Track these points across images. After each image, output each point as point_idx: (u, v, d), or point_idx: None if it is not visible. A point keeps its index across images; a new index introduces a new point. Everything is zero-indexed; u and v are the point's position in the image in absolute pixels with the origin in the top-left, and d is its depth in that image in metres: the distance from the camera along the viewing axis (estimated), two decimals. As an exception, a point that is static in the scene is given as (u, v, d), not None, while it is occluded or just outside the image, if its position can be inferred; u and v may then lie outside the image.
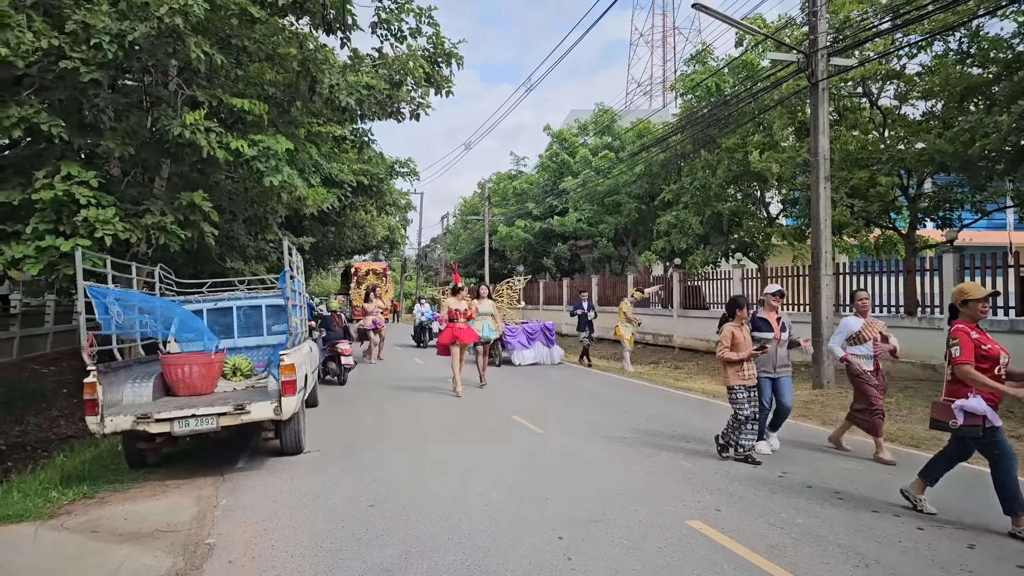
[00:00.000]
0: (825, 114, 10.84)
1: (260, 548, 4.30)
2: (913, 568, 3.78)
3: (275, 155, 8.08)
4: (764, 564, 3.85)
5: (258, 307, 8.37)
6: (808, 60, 10.77)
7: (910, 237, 13.75)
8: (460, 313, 10.24)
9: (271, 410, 5.94)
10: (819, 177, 10.85)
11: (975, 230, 15.85)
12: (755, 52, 15.88)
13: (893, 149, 12.91)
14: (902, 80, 13.54)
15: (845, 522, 4.56)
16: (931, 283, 11.61)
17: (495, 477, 5.78)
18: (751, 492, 5.25)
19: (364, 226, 22.55)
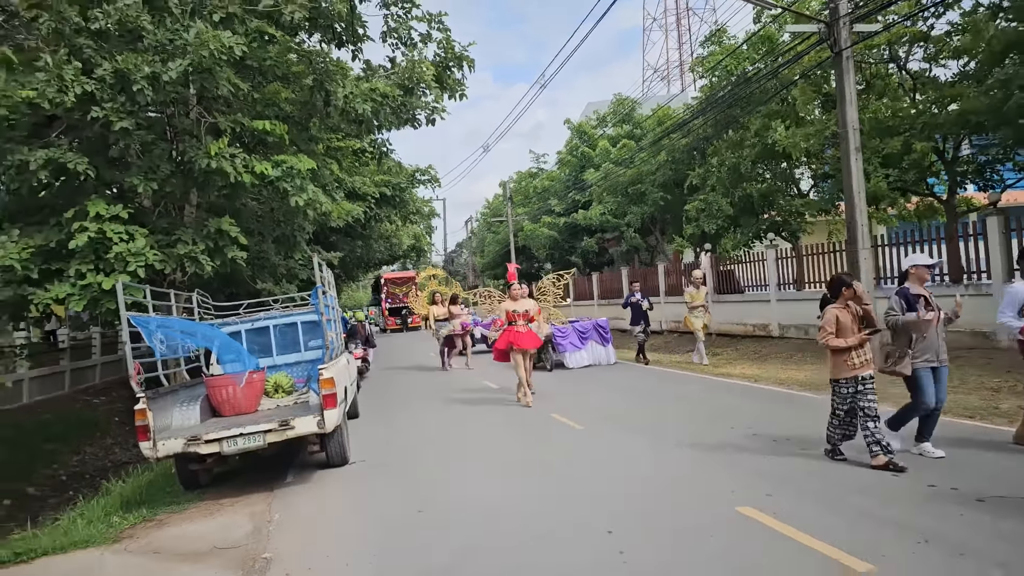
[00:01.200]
0: (851, 83, 10.52)
1: (315, 559, 4.35)
2: (976, 541, 3.64)
3: (299, 174, 8.20)
4: (820, 546, 3.74)
5: (294, 324, 8.51)
6: (830, 29, 10.47)
7: (950, 202, 13.24)
8: (519, 315, 9.11)
9: (315, 424, 6.01)
10: (849, 149, 10.54)
11: (1020, 189, 15.20)
12: (774, 26, 15.51)
13: (926, 114, 12.45)
14: (931, 41, 13.03)
15: (902, 499, 4.42)
16: (976, 248, 11.12)
17: (539, 476, 5.76)
18: (800, 475, 5.12)
19: (390, 236, 22.78)
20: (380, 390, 12.59)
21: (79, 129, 8.30)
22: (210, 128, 8.47)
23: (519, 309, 9.17)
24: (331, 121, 10.12)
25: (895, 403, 6.13)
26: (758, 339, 15.25)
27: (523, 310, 9.16)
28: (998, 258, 10.53)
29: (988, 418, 6.54)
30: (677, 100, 27.25)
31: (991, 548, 3.56)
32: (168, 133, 9.11)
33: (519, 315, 9.13)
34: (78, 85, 7.17)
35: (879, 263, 12.68)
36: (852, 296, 5.27)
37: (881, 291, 12.16)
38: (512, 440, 7.28)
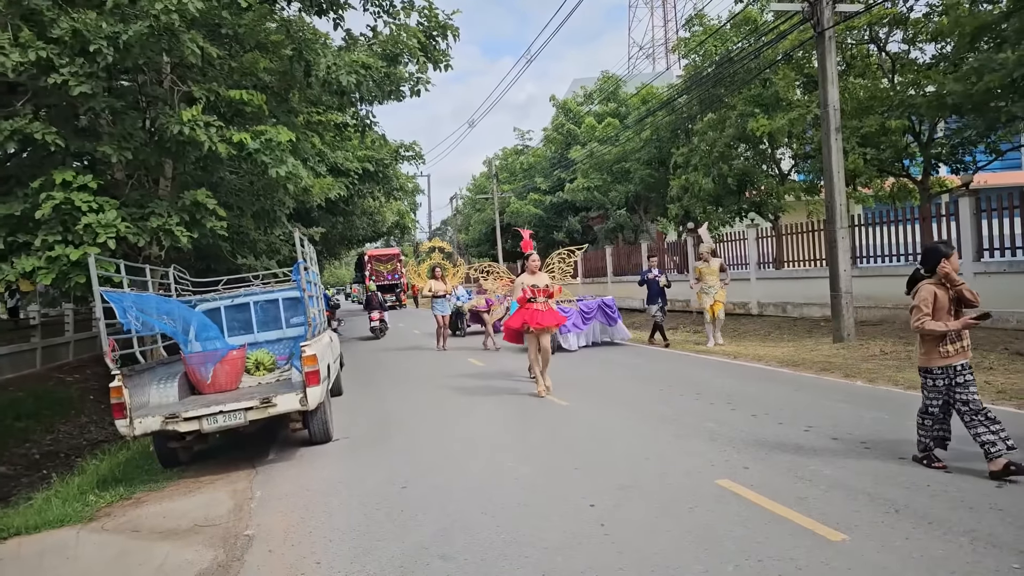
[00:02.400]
0: (833, 64, 10.58)
1: (298, 536, 4.33)
2: (942, 510, 3.78)
3: (278, 146, 8.00)
4: (795, 516, 3.85)
5: (275, 301, 8.38)
6: (813, 9, 10.49)
7: (924, 183, 13.47)
8: (539, 291, 8.03)
9: (297, 401, 5.95)
10: (830, 129, 10.61)
11: (990, 172, 15.51)
12: (756, 6, 15.48)
13: (903, 94, 12.57)
14: (909, 24, 13.13)
15: (872, 471, 4.53)
16: (948, 228, 11.35)
17: (523, 451, 5.77)
18: (777, 448, 5.22)
19: (373, 213, 22.51)
20: (365, 369, 12.55)
21: (41, 96, 8.00)
22: (184, 97, 8.21)
23: (538, 284, 8.10)
24: (312, 93, 9.87)
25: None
26: (737, 317, 15.42)
27: (543, 284, 8.11)
28: (969, 238, 10.79)
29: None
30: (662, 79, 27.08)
31: (957, 517, 3.68)
32: (140, 102, 8.83)
33: (538, 290, 8.02)
34: (32, 51, 6.88)
35: (855, 243, 12.87)
36: (950, 270, 4.39)
37: (857, 270, 12.40)
38: (497, 417, 7.29)
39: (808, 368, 8.80)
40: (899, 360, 8.74)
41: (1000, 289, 10.23)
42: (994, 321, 10.33)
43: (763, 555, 3.42)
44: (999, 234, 10.51)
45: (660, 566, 3.43)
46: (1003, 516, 3.64)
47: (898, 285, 11.97)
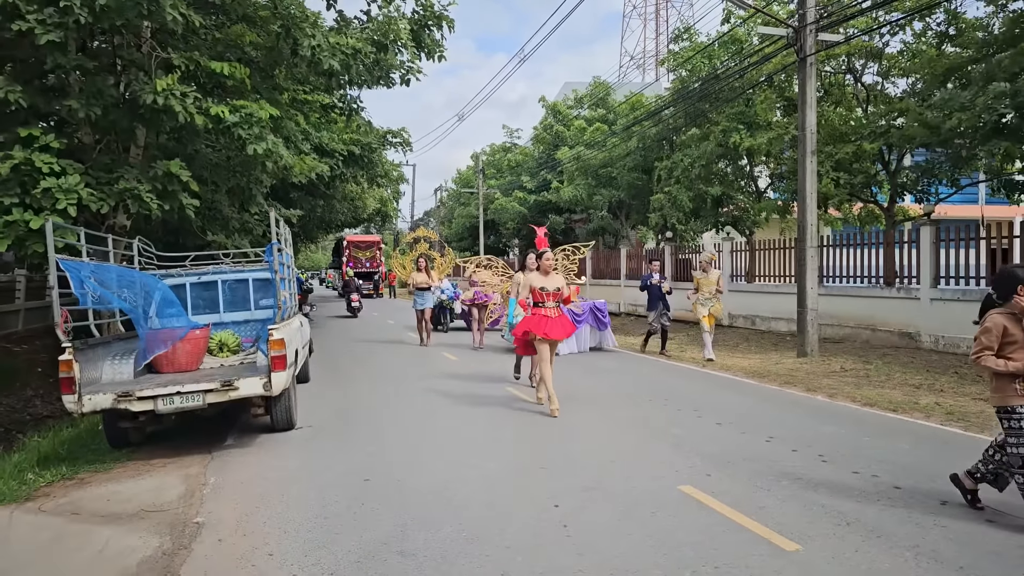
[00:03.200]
0: (813, 89, 10.84)
1: (251, 525, 4.20)
2: (890, 524, 3.89)
3: (258, 122, 7.77)
4: (752, 525, 3.91)
5: (244, 281, 8.17)
6: (797, 35, 10.71)
7: (890, 210, 13.92)
8: (549, 295, 6.96)
9: (260, 386, 5.78)
10: (806, 151, 10.83)
11: (950, 204, 16.17)
12: (742, 28, 15.77)
13: (875, 124, 12.98)
14: (884, 58, 13.61)
15: (828, 483, 4.62)
16: (909, 254, 11.80)
17: (491, 449, 5.72)
18: (739, 457, 5.28)
19: (355, 198, 22.13)
20: (336, 357, 12.36)
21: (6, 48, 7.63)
22: (162, 64, 7.93)
23: (549, 287, 6.98)
24: (299, 72, 9.62)
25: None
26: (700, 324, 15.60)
27: (553, 288, 6.98)
28: (927, 265, 11.22)
29: (909, 412, 6.93)
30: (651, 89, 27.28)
31: (904, 532, 3.79)
32: (116, 65, 8.51)
33: (549, 294, 6.96)
34: None
35: (823, 262, 13.22)
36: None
37: (824, 288, 12.70)
38: (467, 414, 7.21)
39: (773, 380, 8.93)
40: (858, 377, 8.95)
41: (953, 315, 10.65)
42: (946, 345, 10.74)
43: (720, 562, 3.45)
44: (955, 263, 10.98)
45: (619, 569, 3.42)
46: (946, 532, 3.76)
47: (861, 305, 12.50)
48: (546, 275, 7.12)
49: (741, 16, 15.45)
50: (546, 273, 7.13)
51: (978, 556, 3.45)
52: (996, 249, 10.59)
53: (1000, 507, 4.09)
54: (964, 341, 10.39)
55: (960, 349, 10.42)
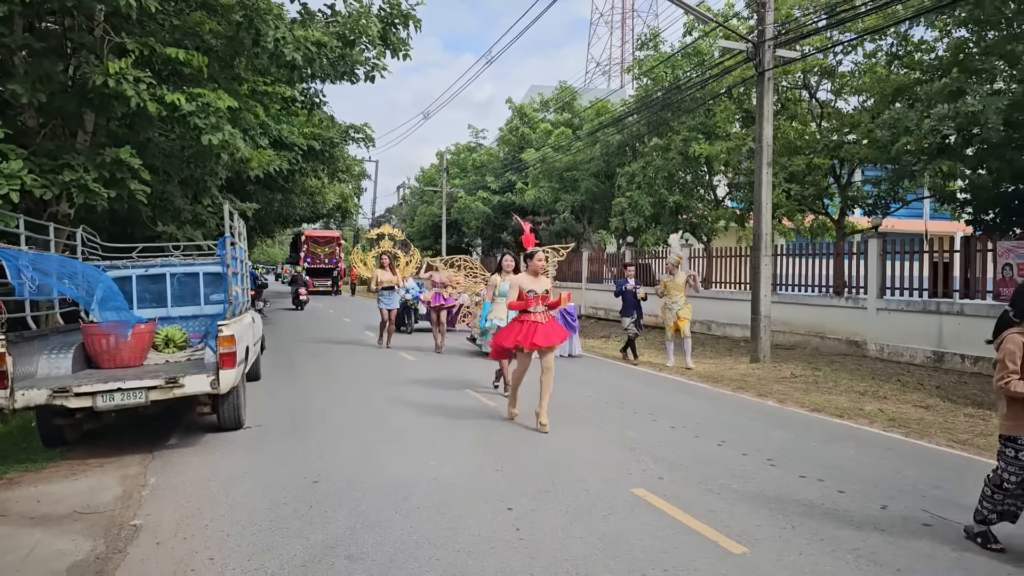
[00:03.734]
0: (770, 103, 11.13)
1: (192, 528, 4.04)
2: (833, 528, 3.99)
3: (215, 111, 7.52)
4: (701, 528, 3.98)
5: (195, 275, 7.91)
6: (756, 50, 10.98)
7: (840, 223, 14.42)
8: (538, 298, 6.30)
9: (208, 383, 5.59)
10: (762, 163, 11.10)
11: (896, 218, 16.86)
12: (705, 41, 16.14)
13: (828, 139, 13.45)
14: (837, 76, 14.14)
15: (775, 487, 4.72)
16: (857, 265, 12.21)
17: (447, 451, 5.66)
18: (691, 461, 5.37)
19: (314, 193, 21.68)
20: (289, 355, 12.09)
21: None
22: (115, 48, 7.60)
23: (538, 289, 6.33)
24: (260, 63, 9.37)
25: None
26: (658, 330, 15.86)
27: (543, 290, 6.36)
28: (874, 276, 11.64)
29: (854, 418, 7.15)
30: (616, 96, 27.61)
31: (845, 535, 3.89)
32: (66, 47, 8.13)
33: (539, 297, 6.29)
34: None
35: (776, 271, 13.60)
36: None
37: (776, 296, 13.04)
38: (424, 415, 7.12)
39: (726, 385, 9.11)
40: (807, 383, 9.22)
41: (898, 325, 11.07)
42: (890, 354, 11.16)
43: (669, 565, 3.49)
44: (900, 275, 11.42)
45: (570, 572, 3.42)
46: (885, 536, 3.87)
47: (811, 313, 12.87)
48: (535, 276, 6.44)
49: (703, 29, 15.80)
50: (535, 274, 6.44)
51: (914, 559, 3.57)
52: (938, 262, 11.06)
53: (940, 512, 4.24)
54: (907, 350, 10.82)
55: (903, 358, 10.84)
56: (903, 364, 10.63)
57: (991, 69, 10.89)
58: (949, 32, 11.95)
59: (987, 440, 6.15)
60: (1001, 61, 10.63)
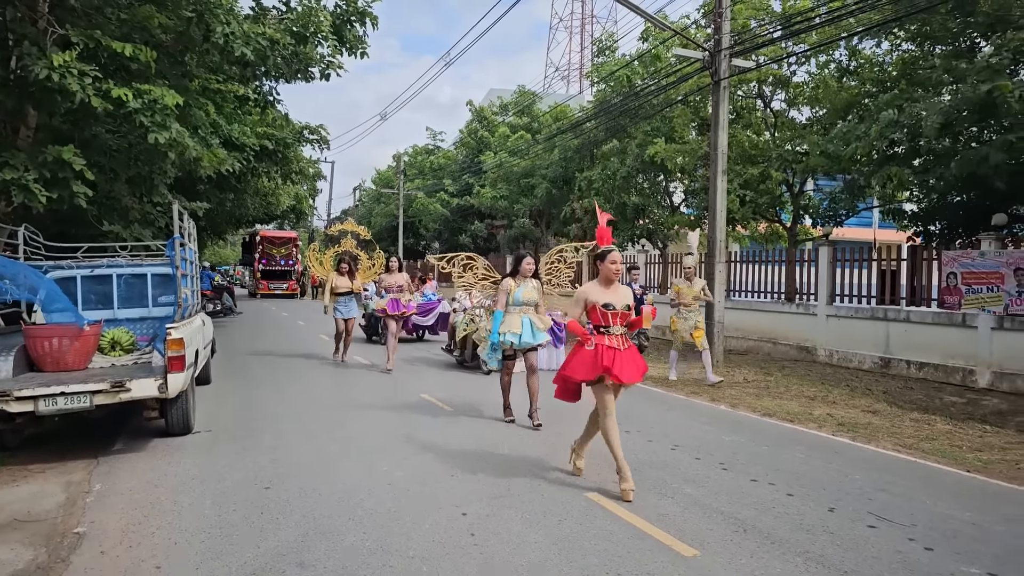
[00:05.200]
0: (725, 111, 11.39)
1: (138, 536, 3.93)
2: (784, 531, 4.10)
3: (163, 109, 7.31)
4: (654, 531, 4.05)
5: (142, 276, 7.68)
6: (712, 59, 11.23)
7: (793, 230, 14.91)
8: (618, 316, 4.74)
9: (155, 387, 5.45)
10: (717, 171, 11.37)
11: (846, 226, 17.56)
12: (663, 47, 16.51)
13: (781, 149, 13.91)
14: (791, 87, 14.65)
15: (727, 491, 4.84)
16: (809, 273, 12.61)
17: (402, 456, 5.63)
18: (645, 465, 5.45)
19: (267, 194, 21.25)
20: (243, 361, 11.81)
21: None
22: (59, 41, 7.33)
23: (617, 304, 4.74)
24: (211, 59, 9.15)
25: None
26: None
27: (623, 305, 4.76)
28: (824, 283, 12.06)
29: (804, 422, 7.37)
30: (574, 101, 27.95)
31: (795, 538, 4.01)
32: (8, 39, 7.79)
33: (617, 315, 4.73)
34: None
35: (730, 277, 13.98)
36: None
37: (730, 302, 13.43)
38: (379, 420, 7.08)
39: (680, 390, 9.30)
40: (759, 388, 9.46)
41: (846, 331, 11.51)
42: (839, 359, 11.61)
43: (622, 569, 3.54)
44: (849, 282, 11.86)
45: (523, 578, 3.44)
46: (833, 538, 4.01)
47: (764, 319, 13.27)
48: (609, 286, 4.86)
49: (659, 36, 16.13)
50: (609, 283, 4.87)
51: (861, 560, 3.70)
52: (886, 270, 11.56)
53: (885, 515, 4.41)
54: (856, 356, 11.25)
55: (852, 363, 11.27)
56: (852, 369, 11.04)
57: (937, 82, 11.45)
58: (898, 46, 12.51)
59: (932, 444, 6.43)
60: (946, 75, 11.17)
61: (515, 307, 6.67)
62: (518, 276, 6.72)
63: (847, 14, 11.09)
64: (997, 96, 9.08)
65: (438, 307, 14.29)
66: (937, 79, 11.35)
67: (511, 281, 6.73)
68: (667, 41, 15.78)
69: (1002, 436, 6.90)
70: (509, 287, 6.68)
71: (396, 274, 10.69)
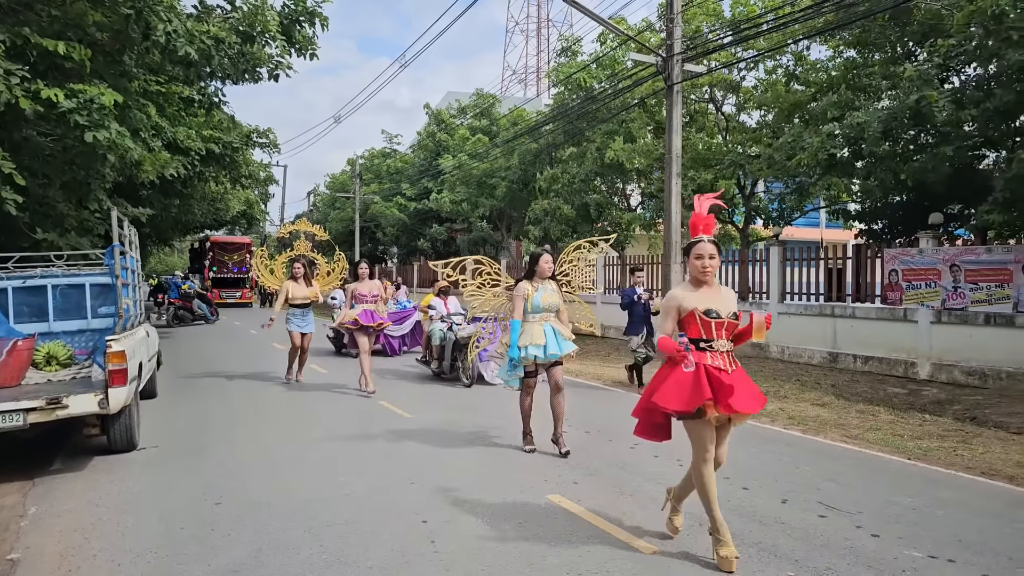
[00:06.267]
0: (679, 115, 11.63)
1: (78, 560, 3.72)
2: (738, 524, 4.16)
3: (99, 109, 6.99)
4: (614, 531, 4.07)
5: (80, 286, 7.33)
6: (666, 63, 11.46)
7: (745, 231, 15.34)
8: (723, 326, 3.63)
9: (95, 403, 5.18)
10: (672, 173, 11.60)
11: (795, 226, 18.18)
12: (619, 51, 16.77)
13: (733, 153, 14.31)
14: (741, 91, 15.09)
15: (685, 487, 4.90)
16: (761, 272, 13.00)
17: (359, 465, 5.51)
18: (605, 465, 5.49)
19: (216, 199, 20.61)
20: (191, 373, 11.39)
21: None
22: (-17, 39, 6.93)
23: (721, 310, 3.64)
24: (152, 59, 8.80)
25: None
26: (583, 337, 16.21)
27: (728, 312, 3.66)
28: (776, 282, 12.42)
29: (757, 417, 7.48)
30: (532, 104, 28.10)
31: (748, 530, 4.11)
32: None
33: (722, 325, 3.64)
34: None
35: (684, 277, 14.21)
36: None
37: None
38: (335, 429, 6.91)
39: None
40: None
41: (796, 328, 11.88)
42: (790, 355, 11.97)
43: (583, 569, 3.55)
44: (798, 281, 12.26)
45: (485, 583, 3.40)
46: (785, 529, 4.12)
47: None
48: (701, 287, 3.67)
49: (611, 43, 16.38)
50: (699, 283, 3.66)
51: (811, 549, 3.81)
52: (832, 269, 11.99)
53: (834, 504, 4.55)
54: (806, 351, 11.64)
55: (802, 359, 11.65)
56: (802, 364, 11.41)
57: (876, 87, 11.97)
58: (841, 52, 13.03)
59: (876, 434, 6.71)
60: (885, 81, 11.69)
61: (534, 314, 5.73)
62: (535, 278, 5.80)
63: (793, 20, 11.48)
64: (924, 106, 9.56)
65: (414, 314, 13.08)
66: (876, 85, 11.87)
67: (527, 285, 5.76)
68: (622, 45, 16.03)
69: (940, 424, 7.25)
70: (526, 292, 5.72)
71: (368, 281, 9.01)
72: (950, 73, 10.79)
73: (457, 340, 9.52)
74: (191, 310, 21.36)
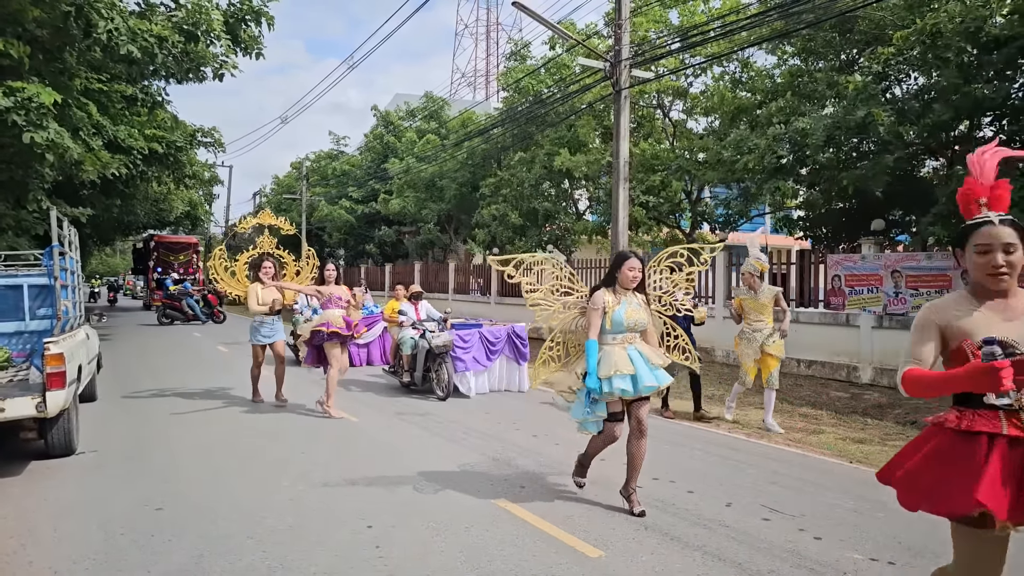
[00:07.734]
0: (626, 121, 11.86)
1: (12, 568, 3.64)
2: (683, 527, 4.30)
3: (38, 107, 6.77)
4: (560, 534, 4.14)
5: (17, 287, 7.10)
6: (613, 69, 11.68)
7: (691, 236, 15.84)
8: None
9: (33, 407, 5.06)
10: (619, 178, 11.83)
11: (741, 231, 18.86)
12: (568, 56, 17.08)
13: (681, 159, 14.74)
14: (688, 97, 15.57)
15: (630, 491, 5.01)
16: (707, 276, 13.35)
17: (304, 470, 5.51)
18: (552, 471, 5.56)
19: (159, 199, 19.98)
20: (133, 376, 11.03)
21: None
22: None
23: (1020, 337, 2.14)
24: (93, 56, 8.54)
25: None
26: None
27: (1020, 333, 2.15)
28: (721, 286, 12.82)
29: (702, 421, 7.77)
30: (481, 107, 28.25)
31: (693, 533, 4.23)
32: None
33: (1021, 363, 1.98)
34: None
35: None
36: None
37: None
38: (280, 433, 6.86)
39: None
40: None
41: (741, 333, 12.27)
42: (735, 360, 12.25)
43: (528, 572, 3.62)
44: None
45: (430, 585, 3.45)
46: (729, 532, 4.25)
47: (664, 323, 13.85)
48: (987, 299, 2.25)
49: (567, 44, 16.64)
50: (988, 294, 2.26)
51: (754, 552, 3.94)
52: (777, 274, 12.43)
53: (776, 507, 4.72)
54: (751, 356, 12.04)
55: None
56: (748, 369, 11.79)
57: (820, 95, 12.49)
58: (786, 60, 13.57)
59: (818, 438, 6.94)
60: (828, 89, 12.22)
61: (615, 334, 4.42)
62: (617, 287, 4.50)
63: (740, 28, 11.87)
64: (870, 122, 10.08)
65: (379, 320, 11.91)
66: (821, 92, 12.41)
67: (607, 295, 4.46)
68: (571, 50, 16.29)
69: (881, 428, 7.54)
70: (605, 303, 4.42)
71: (336, 286, 7.96)
72: (891, 83, 11.29)
73: (431, 348, 8.64)
74: (180, 309, 21.54)
